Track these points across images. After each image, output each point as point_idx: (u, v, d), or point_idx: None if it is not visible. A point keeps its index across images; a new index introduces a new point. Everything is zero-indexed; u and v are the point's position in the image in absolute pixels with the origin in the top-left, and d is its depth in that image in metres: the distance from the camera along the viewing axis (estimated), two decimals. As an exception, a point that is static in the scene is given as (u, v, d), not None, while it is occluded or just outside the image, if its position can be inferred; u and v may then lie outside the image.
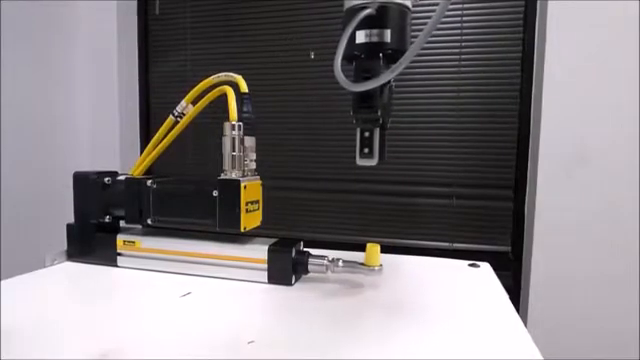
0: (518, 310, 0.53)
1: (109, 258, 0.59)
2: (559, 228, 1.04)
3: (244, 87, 0.54)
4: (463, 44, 1.18)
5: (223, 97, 0.54)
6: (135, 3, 1.46)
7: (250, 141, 0.54)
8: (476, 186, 1.21)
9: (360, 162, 0.51)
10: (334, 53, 0.44)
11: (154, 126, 1.49)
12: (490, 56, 1.18)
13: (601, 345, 1.02)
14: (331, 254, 0.54)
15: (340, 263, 0.52)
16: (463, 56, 1.19)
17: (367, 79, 0.43)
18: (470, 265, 0.62)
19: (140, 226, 0.60)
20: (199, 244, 0.55)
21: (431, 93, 1.22)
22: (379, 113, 0.48)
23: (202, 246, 0.55)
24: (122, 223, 0.61)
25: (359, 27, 0.45)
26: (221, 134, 0.53)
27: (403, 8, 0.46)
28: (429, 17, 0.48)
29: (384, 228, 1.28)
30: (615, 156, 1.00)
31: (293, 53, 1.31)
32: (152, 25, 1.47)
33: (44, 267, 0.59)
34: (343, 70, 0.42)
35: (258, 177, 0.56)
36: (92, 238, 0.60)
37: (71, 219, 0.61)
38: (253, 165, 0.55)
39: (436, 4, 0.42)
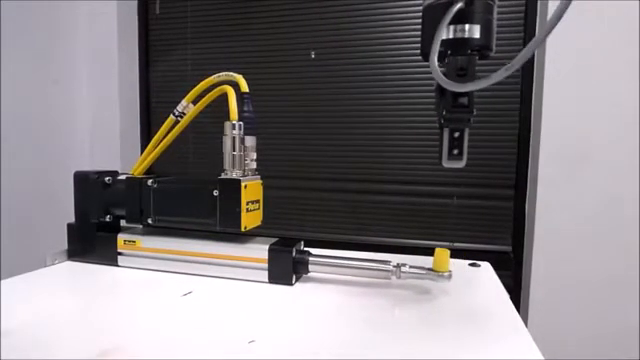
0: (518, 310, 0.53)
1: (110, 257, 0.59)
2: (560, 228, 1.04)
3: (244, 86, 0.54)
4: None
5: (224, 96, 0.54)
6: (135, 3, 1.45)
7: (251, 140, 0.54)
8: (477, 185, 1.21)
9: (447, 164, 0.47)
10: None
11: (155, 126, 1.49)
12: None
13: (601, 345, 1.02)
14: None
15: (407, 268, 0.49)
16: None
17: (461, 77, 0.41)
18: (471, 265, 0.62)
19: (141, 225, 0.60)
20: (200, 244, 0.56)
21: (431, 92, 1.21)
22: (474, 112, 0.45)
23: (203, 246, 0.55)
24: (123, 222, 0.61)
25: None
26: (222, 133, 0.53)
27: (489, 1, 0.43)
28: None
29: (384, 228, 1.28)
30: (615, 156, 1.00)
31: (293, 53, 1.31)
32: (152, 25, 1.47)
33: (45, 267, 0.59)
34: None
35: (259, 177, 0.56)
36: (93, 237, 0.60)
37: (71, 219, 0.61)
38: (254, 165, 0.55)
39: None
